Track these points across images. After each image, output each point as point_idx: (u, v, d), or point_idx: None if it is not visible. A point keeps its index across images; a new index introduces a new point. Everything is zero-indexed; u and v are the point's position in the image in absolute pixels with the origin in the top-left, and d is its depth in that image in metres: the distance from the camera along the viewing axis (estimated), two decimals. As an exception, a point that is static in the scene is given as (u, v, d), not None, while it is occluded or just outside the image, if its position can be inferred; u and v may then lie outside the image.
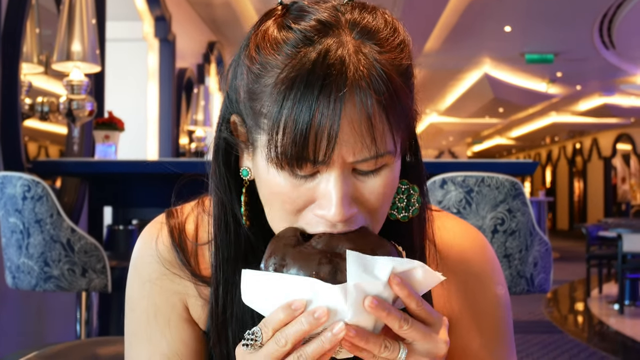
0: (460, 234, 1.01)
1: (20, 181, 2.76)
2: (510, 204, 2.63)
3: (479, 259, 1.01)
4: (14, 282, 2.84)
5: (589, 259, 8.95)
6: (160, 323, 0.99)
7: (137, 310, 1.01)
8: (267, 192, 0.85)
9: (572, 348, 5.88)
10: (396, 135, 0.82)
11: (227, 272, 0.94)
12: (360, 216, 0.83)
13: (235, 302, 0.94)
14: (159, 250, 0.99)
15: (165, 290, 0.99)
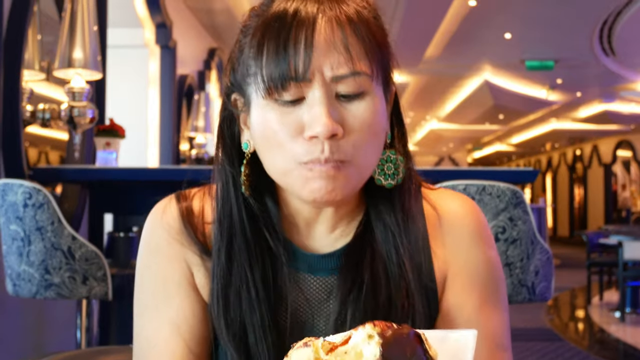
0: (455, 202, 1.08)
1: (21, 189, 2.76)
2: (512, 212, 2.63)
3: (473, 223, 1.07)
4: (14, 289, 2.83)
5: (590, 266, 8.94)
6: (169, 290, 1.03)
7: (145, 280, 1.05)
8: (262, 134, 0.95)
9: (573, 356, 5.87)
10: (372, 61, 0.93)
11: (228, 241, 1.01)
12: (347, 148, 0.92)
13: (233, 273, 1.00)
14: (166, 219, 1.05)
15: (173, 257, 1.04)
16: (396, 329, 0.71)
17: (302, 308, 1.03)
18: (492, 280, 1.06)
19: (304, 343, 0.72)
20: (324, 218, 1.04)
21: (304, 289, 1.03)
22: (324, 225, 1.05)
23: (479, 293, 1.04)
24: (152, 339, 1.02)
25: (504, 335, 1.05)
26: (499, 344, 1.04)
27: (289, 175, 0.95)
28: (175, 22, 7.08)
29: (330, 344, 0.71)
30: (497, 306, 1.06)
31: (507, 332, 1.06)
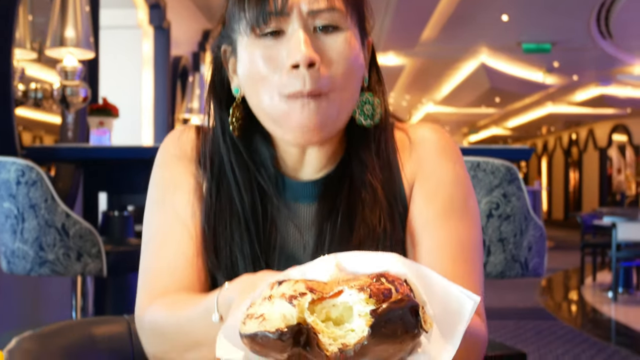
0: (426, 126, 1.16)
1: (14, 166, 2.75)
2: (506, 188, 2.63)
3: (441, 141, 1.14)
4: (8, 267, 2.83)
5: (583, 247, 8.98)
6: (178, 190, 1.12)
7: (157, 182, 1.15)
8: (248, 72, 1.04)
9: (566, 334, 5.90)
10: (346, 1, 1.03)
11: (217, 179, 1.11)
12: (326, 80, 1.00)
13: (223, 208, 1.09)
14: (182, 139, 1.16)
15: (184, 168, 1.14)
16: (392, 303, 0.66)
17: (290, 236, 1.10)
18: (459, 193, 1.11)
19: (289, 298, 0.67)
20: (309, 159, 1.11)
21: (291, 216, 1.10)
22: (310, 165, 1.12)
23: (443, 202, 1.09)
24: (160, 228, 1.10)
25: (471, 249, 1.08)
26: (463, 255, 1.06)
27: (274, 112, 1.02)
28: (169, 3, 7.04)
29: (318, 295, 0.67)
30: (464, 220, 1.09)
31: (475, 248, 1.09)
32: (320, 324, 0.67)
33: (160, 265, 1.08)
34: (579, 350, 5.34)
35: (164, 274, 1.07)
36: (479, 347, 1.01)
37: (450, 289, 0.73)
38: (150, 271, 1.09)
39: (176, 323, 0.95)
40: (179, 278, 1.06)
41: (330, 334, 0.66)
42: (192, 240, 1.09)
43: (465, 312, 0.72)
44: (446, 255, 1.05)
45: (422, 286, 0.71)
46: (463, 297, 0.73)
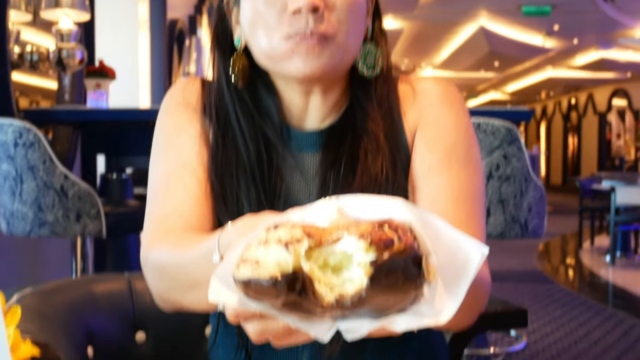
0: (428, 79, 1.16)
1: (11, 127, 2.74)
2: (506, 149, 2.63)
3: (445, 91, 1.14)
4: (8, 228, 2.83)
5: (582, 212, 8.99)
6: (182, 133, 1.13)
7: (161, 130, 1.15)
8: (251, 19, 1.04)
9: (563, 297, 5.94)
10: None
11: (223, 129, 1.11)
12: (330, 23, 1.01)
13: (229, 158, 1.09)
14: (187, 89, 1.16)
15: (188, 115, 1.14)
16: (394, 253, 0.62)
17: (295, 185, 1.11)
18: (462, 140, 1.10)
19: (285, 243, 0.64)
20: (313, 107, 1.11)
21: (296, 166, 1.11)
22: (314, 115, 1.12)
23: (446, 149, 1.09)
24: (166, 172, 1.11)
25: (473, 196, 1.07)
26: (465, 201, 1.06)
27: (275, 53, 1.03)
28: (165, -35, 6.96)
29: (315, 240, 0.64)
30: (467, 167, 1.09)
31: (477, 196, 1.08)
32: (317, 272, 0.64)
33: (167, 206, 1.08)
34: (577, 312, 5.38)
35: (171, 215, 1.07)
36: (482, 293, 1.01)
37: (457, 238, 0.69)
38: (157, 212, 1.09)
39: (178, 262, 0.95)
40: (187, 218, 1.06)
41: (327, 283, 0.63)
42: (199, 183, 1.09)
43: (473, 265, 0.68)
44: (448, 201, 1.05)
45: (428, 234, 0.68)
46: (471, 248, 0.69)
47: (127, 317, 1.40)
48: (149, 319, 1.41)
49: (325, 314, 0.65)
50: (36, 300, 1.27)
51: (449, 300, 0.69)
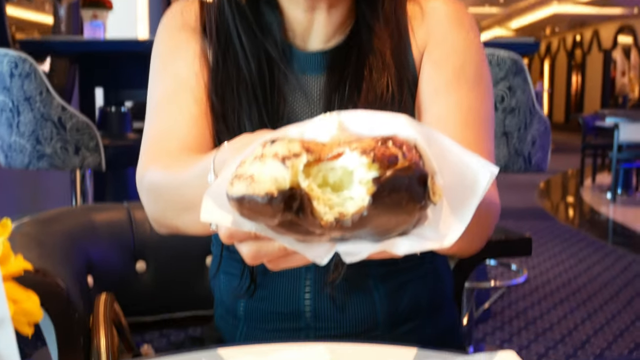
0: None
1: (6, 58, 2.69)
2: (511, 81, 2.58)
3: (455, 9, 1.10)
4: (6, 161, 2.81)
5: (584, 149, 8.97)
6: (180, 53, 1.09)
7: (158, 52, 1.12)
8: None
9: (563, 234, 5.96)
10: None
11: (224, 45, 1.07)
12: None
13: (230, 75, 1.06)
14: (185, 10, 1.12)
15: (186, 36, 1.10)
16: (397, 170, 0.58)
17: (298, 107, 1.08)
18: (472, 60, 1.07)
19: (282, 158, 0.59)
20: (318, 26, 1.08)
21: (299, 87, 1.08)
22: (318, 35, 1.09)
23: (454, 68, 1.05)
24: (163, 93, 1.08)
25: (482, 118, 1.04)
26: (474, 122, 1.03)
27: None
28: None
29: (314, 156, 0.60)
30: (476, 88, 1.05)
31: (486, 117, 1.05)
32: (315, 190, 0.59)
33: (163, 127, 1.05)
34: (577, 249, 5.40)
35: (167, 135, 1.04)
36: (490, 217, 0.99)
37: (465, 157, 0.65)
38: (153, 133, 1.06)
39: (173, 183, 0.92)
40: (183, 139, 1.03)
41: (327, 201, 0.59)
42: (197, 103, 1.06)
43: (481, 185, 0.64)
44: (456, 122, 1.02)
45: (434, 153, 0.63)
46: (479, 167, 0.64)
47: (127, 246, 1.39)
48: (149, 248, 1.40)
49: (324, 235, 0.61)
50: (35, 229, 1.25)
51: (454, 223, 0.65)
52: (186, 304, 1.40)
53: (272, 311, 1.10)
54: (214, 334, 1.20)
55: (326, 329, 1.09)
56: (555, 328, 3.64)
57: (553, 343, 3.40)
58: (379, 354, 0.91)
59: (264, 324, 1.11)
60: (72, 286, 1.09)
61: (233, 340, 1.15)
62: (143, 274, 1.39)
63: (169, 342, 3.12)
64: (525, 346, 3.35)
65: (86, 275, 1.27)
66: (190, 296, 1.40)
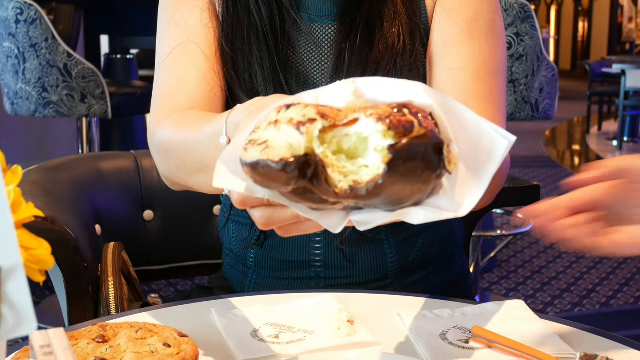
0: None
1: (12, 4, 2.67)
2: (519, 27, 2.55)
3: None
4: (12, 108, 2.81)
5: (591, 96, 8.92)
6: (188, 5, 1.07)
7: (166, 8, 1.09)
8: None
9: (570, 182, 5.96)
10: None
11: None
12: None
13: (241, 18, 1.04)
14: None
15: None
16: (413, 138, 0.57)
17: (308, 55, 1.07)
18: (486, 9, 1.05)
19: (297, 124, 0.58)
20: None
21: (309, 35, 1.06)
22: None
23: (467, 18, 1.04)
24: (171, 47, 1.06)
25: (495, 69, 1.03)
26: (486, 73, 1.02)
27: None
28: None
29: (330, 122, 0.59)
30: (489, 38, 1.04)
31: (499, 69, 1.04)
32: (330, 157, 0.59)
33: (172, 82, 1.04)
34: (582, 195, 5.41)
35: (176, 90, 1.03)
36: (502, 176, 0.99)
37: (482, 125, 0.64)
38: (162, 89, 1.05)
39: (184, 143, 0.91)
40: (192, 94, 1.02)
41: (341, 169, 0.59)
42: (205, 57, 1.05)
43: (498, 153, 0.63)
44: (468, 74, 1.01)
45: (450, 121, 0.63)
46: (496, 135, 0.63)
47: (135, 195, 1.39)
48: (157, 197, 1.40)
49: (338, 203, 0.60)
50: (42, 177, 1.25)
51: (470, 192, 0.64)
52: (194, 253, 1.41)
53: (282, 259, 1.11)
54: (223, 283, 1.21)
55: (336, 278, 1.09)
56: (561, 277, 3.66)
57: (559, 292, 3.42)
58: (388, 303, 0.92)
59: (274, 272, 1.12)
60: (81, 235, 1.09)
61: (242, 289, 1.16)
62: (151, 222, 1.40)
63: (176, 291, 3.16)
64: (531, 295, 3.38)
65: (94, 224, 1.28)
66: (198, 245, 1.41)
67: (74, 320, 1.03)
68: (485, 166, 0.64)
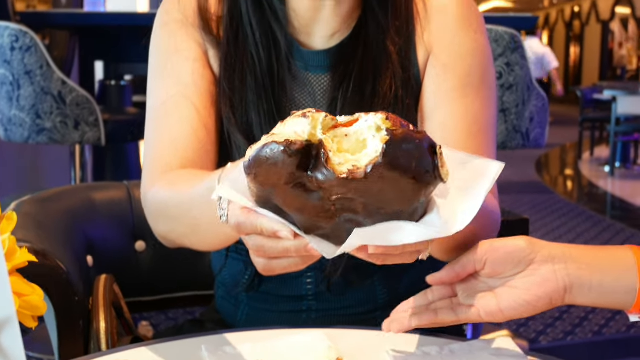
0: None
1: (7, 31, 2.68)
2: (509, 57, 2.58)
3: (461, 8, 1.06)
4: (6, 134, 2.81)
5: (583, 122, 8.97)
6: (181, 55, 1.07)
7: (158, 50, 1.09)
8: None
9: (562, 208, 5.98)
10: None
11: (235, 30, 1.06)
12: None
13: (240, 60, 1.04)
14: (183, 4, 1.09)
15: (187, 35, 1.08)
16: (410, 130, 0.62)
17: (302, 102, 1.07)
18: (478, 65, 1.05)
19: (303, 113, 0.63)
20: (324, 17, 1.05)
21: (304, 85, 1.07)
22: (324, 26, 1.06)
23: (461, 74, 1.04)
24: (162, 100, 1.06)
25: (487, 125, 1.04)
26: (479, 130, 1.03)
27: None
28: None
29: (333, 119, 0.64)
30: (481, 93, 1.04)
31: (490, 124, 1.05)
32: (331, 143, 0.62)
33: (162, 139, 1.04)
34: (575, 223, 5.42)
35: (169, 150, 1.03)
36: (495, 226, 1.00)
37: (472, 158, 0.70)
38: (153, 147, 1.05)
39: (179, 204, 0.92)
40: (184, 153, 1.02)
41: (342, 156, 0.62)
42: (197, 113, 1.04)
43: (490, 174, 0.68)
44: (461, 132, 1.01)
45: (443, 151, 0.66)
46: (487, 161, 0.69)
47: (127, 225, 1.39)
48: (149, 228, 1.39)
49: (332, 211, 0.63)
50: (34, 208, 1.25)
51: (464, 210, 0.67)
52: (186, 284, 1.41)
53: (274, 294, 1.11)
54: (214, 316, 1.21)
55: (327, 310, 1.10)
56: (553, 304, 3.66)
57: (551, 320, 3.42)
58: (378, 340, 0.92)
59: (266, 305, 1.12)
60: (72, 268, 1.09)
61: (234, 321, 1.16)
62: (142, 253, 1.39)
63: (167, 318, 3.14)
64: (522, 324, 3.38)
65: (86, 255, 1.28)
66: (190, 276, 1.40)
67: (64, 356, 1.03)
68: (479, 185, 0.68)
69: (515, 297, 0.79)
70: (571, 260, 0.80)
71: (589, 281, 0.79)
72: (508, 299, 0.79)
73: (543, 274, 0.79)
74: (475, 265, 0.81)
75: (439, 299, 0.84)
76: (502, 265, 0.80)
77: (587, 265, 0.79)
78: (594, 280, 0.79)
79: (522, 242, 0.80)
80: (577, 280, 0.79)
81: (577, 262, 0.80)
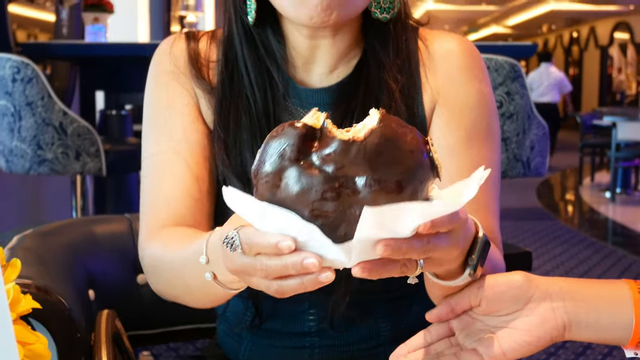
0: (450, 39, 1.09)
1: (9, 63, 2.70)
2: (509, 86, 2.59)
3: (466, 57, 1.07)
4: (7, 166, 2.82)
5: (583, 147, 8.98)
6: (173, 110, 1.08)
7: (151, 103, 1.10)
8: None
9: (563, 234, 5.96)
10: None
11: (230, 73, 1.06)
12: None
13: (234, 102, 1.05)
14: (175, 53, 1.10)
15: (179, 86, 1.08)
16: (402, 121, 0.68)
17: None
18: (483, 115, 1.05)
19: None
20: (322, 54, 1.05)
21: None
22: (322, 64, 1.06)
23: (467, 125, 1.04)
24: (155, 157, 1.07)
25: (492, 175, 1.04)
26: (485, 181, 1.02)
27: None
28: None
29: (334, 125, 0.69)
30: (486, 143, 1.05)
31: (495, 173, 1.06)
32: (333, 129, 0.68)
33: (156, 197, 1.06)
34: (576, 250, 5.41)
35: (163, 207, 1.05)
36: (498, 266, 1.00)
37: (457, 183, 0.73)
38: (147, 205, 1.07)
39: (171, 264, 0.94)
40: (175, 209, 1.04)
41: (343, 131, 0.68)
42: (190, 170, 1.05)
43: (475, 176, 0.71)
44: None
45: None
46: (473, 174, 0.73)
47: (129, 259, 1.39)
48: (151, 260, 1.40)
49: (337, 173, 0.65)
50: (36, 242, 1.25)
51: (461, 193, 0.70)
52: (188, 317, 1.40)
53: (277, 330, 1.11)
54: (216, 351, 1.21)
55: (330, 346, 1.10)
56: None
57: (554, 349, 3.40)
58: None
59: (269, 340, 1.12)
60: (74, 304, 1.09)
61: (236, 357, 1.15)
62: (144, 286, 1.39)
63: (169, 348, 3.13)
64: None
65: (87, 289, 1.27)
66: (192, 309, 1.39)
67: (65, 392, 1.02)
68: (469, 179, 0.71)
69: (516, 338, 0.79)
70: (569, 297, 0.80)
71: (586, 319, 0.79)
72: (509, 341, 0.79)
73: (542, 312, 0.79)
74: (470, 301, 0.81)
75: (437, 339, 0.84)
76: (499, 302, 0.80)
77: (584, 303, 0.80)
78: (590, 317, 0.79)
79: (519, 278, 0.80)
80: (575, 317, 0.79)
81: (574, 299, 0.80)
